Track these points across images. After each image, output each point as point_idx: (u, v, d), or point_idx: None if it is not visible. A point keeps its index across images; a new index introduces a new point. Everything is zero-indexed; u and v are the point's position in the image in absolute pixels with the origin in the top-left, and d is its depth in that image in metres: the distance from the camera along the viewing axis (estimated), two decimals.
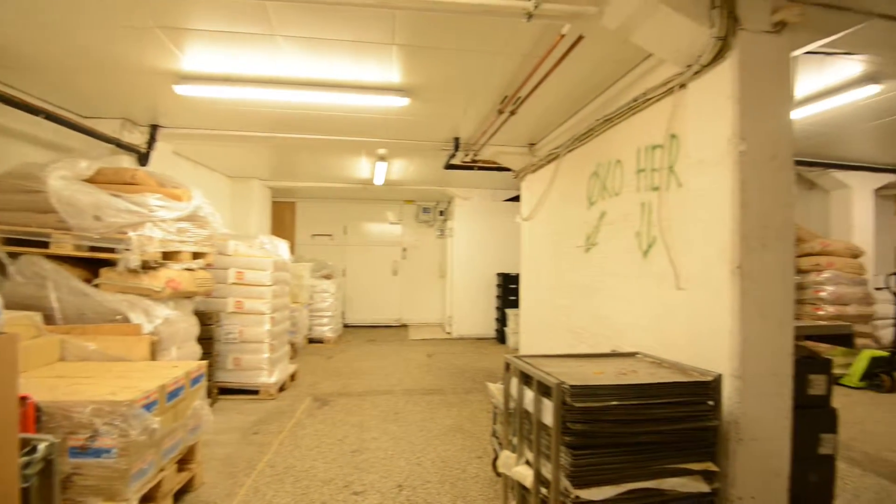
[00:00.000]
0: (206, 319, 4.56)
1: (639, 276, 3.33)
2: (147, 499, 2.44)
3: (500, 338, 8.80)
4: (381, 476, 3.24)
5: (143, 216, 3.43)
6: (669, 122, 2.93)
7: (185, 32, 3.24)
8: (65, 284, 3.32)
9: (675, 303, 2.84)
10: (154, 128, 5.21)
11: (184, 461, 2.90)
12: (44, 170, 3.36)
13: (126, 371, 2.83)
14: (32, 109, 3.94)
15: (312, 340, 8.21)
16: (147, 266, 3.48)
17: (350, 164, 7.51)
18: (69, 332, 3.16)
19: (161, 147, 5.39)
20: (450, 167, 6.37)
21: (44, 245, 3.37)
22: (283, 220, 10.18)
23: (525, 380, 2.42)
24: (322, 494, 2.98)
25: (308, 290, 8.00)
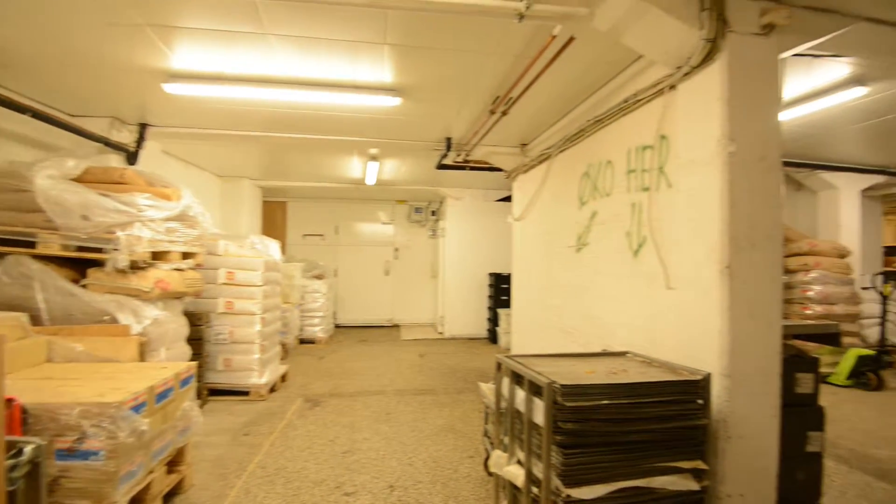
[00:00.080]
0: (196, 320, 4.53)
1: (629, 276, 3.35)
2: (136, 501, 2.41)
3: (492, 338, 8.80)
4: (373, 476, 3.23)
5: (132, 216, 3.40)
6: (660, 124, 2.95)
7: (175, 30, 3.21)
8: (52, 285, 3.29)
9: (665, 302, 2.86)
10: (143, 126, 5.17)
11: (173, 463, 2.88)
12: (31, 169, 3.32)
13: (114, 372, 2.80)
14: (19, 108, 3.88)
15: (303, 341, 8.17)
16: (136, 266, 3.44)
17: (342, 164, 7.49)
18: (56, 333, 3.13)
19: (150, 146, 5.35)
20: (442, 167, 6.36)
21: (30, 245, 3.33)
22: (274, 220, 10.13)
23: (516, 379, 2.42)
24: (313, 495, 2.97)
25: (299, 291, 7.97)
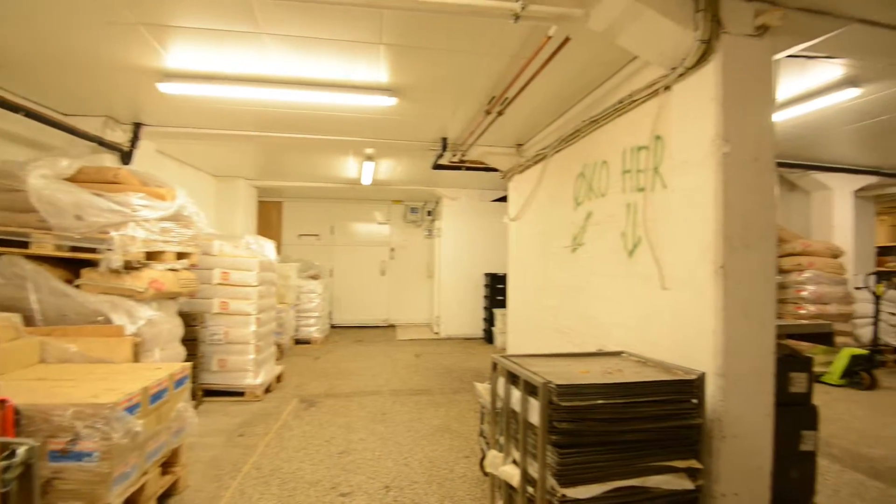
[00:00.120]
0: (191, 320, 4.51)
1: (624, 276, 3.36)
2: (130, 503, 2.40)
3: (488, 338, 8.81)
4: (369, 477, 3.23)
5: (126, 216, 3.38)
6: (654, 124, 2.96)
7: (170, 29, 3.20)
8: (45, 285, 3.26)
9: (660, 302, 2.87)
10: (137, 126, 5.14)
11: (168, 464, 2.86)
12: (24, 168, 3.30)
13: (108, 373, 2.78)
14: (11, 107, 3.85)
15: (299, 341, 8.15)
16: (130, 266, 3.43)
17: (337, 164, 7.47)
18: (50, 334, 3.11)
19: (144, 146, 5.32)
20: (438, 167, 6.36)
21: (24, 245, 3.30)
22: (270, 220, 10.10)
23: (512, 379, 2.43)
24: (309, 496, 2.96)
25: (295, 291, 7.95)
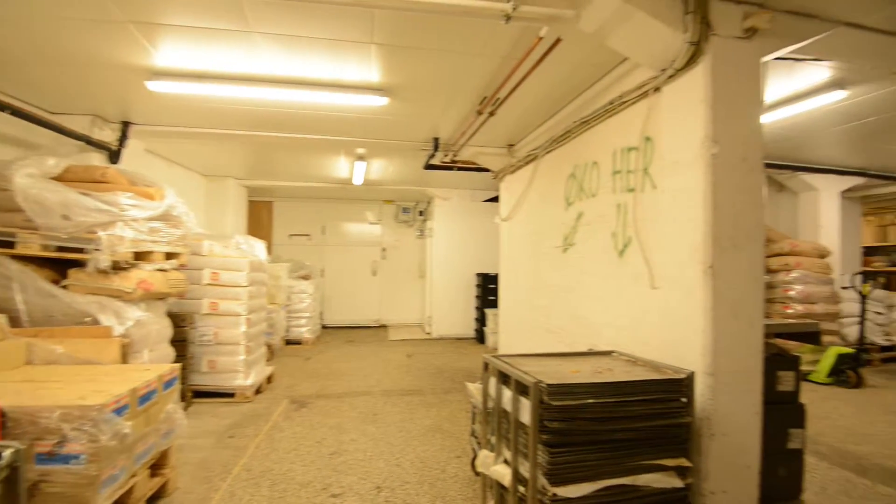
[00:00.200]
0: (180, 321, 4.47)
1: (615, 276, 3.38)
2: None
3: (480, 338, 8.82)
4: (360, 478, 3.22)
5: (114, 215, 3.34)
6: (644, 125, 2.98)
7: (159, 27, 3.17)
8: (31, 285, 3.22)
9: (650, 302, 2.89)
10: (126, 125, 5.08)
11: (157, 466, 2.84)
12: (9, 167, 3.25)
13: (96, 374, 2.75)
14: None
15: (290, 342, 8.11)
16: (118, 267, 3.39)
17: (329, 164, 7.44)
18: (36, 335, 3.07)
19: (133, 145, 5.26)
20: (429, 167, 6.35)
21: (9, 245, 3.25)
22: (260, 220, 10.03)
23: (503, 379, 2.43)
24: (300, 498, 2.94)
25: (285, 291, 7.91)
